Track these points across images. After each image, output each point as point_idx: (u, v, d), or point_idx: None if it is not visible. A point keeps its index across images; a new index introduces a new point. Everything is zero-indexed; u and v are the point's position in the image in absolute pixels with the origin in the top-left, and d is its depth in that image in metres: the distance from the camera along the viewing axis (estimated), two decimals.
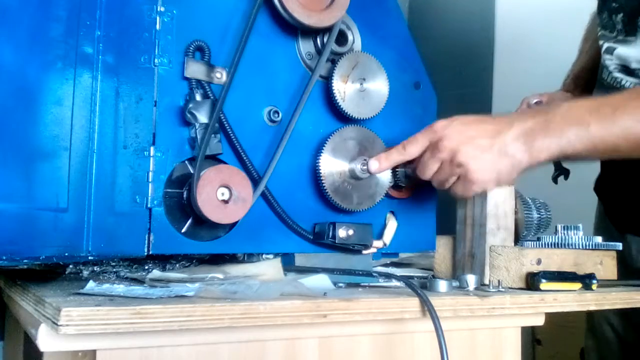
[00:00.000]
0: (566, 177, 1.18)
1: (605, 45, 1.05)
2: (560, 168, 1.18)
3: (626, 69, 1.02)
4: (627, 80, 1.02)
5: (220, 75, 0.72)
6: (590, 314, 1.22)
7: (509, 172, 0.75)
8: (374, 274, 0.75)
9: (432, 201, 0.90)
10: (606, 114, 0.73)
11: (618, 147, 0.73)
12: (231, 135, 0.72)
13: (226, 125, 0.72)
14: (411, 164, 0.82)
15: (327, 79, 0.79)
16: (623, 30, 1.01)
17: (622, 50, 1.01)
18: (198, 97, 0.70)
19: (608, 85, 1.06)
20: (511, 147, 0.74)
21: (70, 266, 0.82)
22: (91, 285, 0.62)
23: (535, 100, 1.07)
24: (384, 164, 0.79)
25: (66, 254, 0.62)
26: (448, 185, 0.79)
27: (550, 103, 1.09)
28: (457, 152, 0.75)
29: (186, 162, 0.70)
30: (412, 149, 0.79)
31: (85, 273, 0.80)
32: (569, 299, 0.75)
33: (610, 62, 1.04)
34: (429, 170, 0.78)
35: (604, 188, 1.18)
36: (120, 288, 0.62)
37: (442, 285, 0.72)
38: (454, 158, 0.75)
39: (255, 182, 0.73)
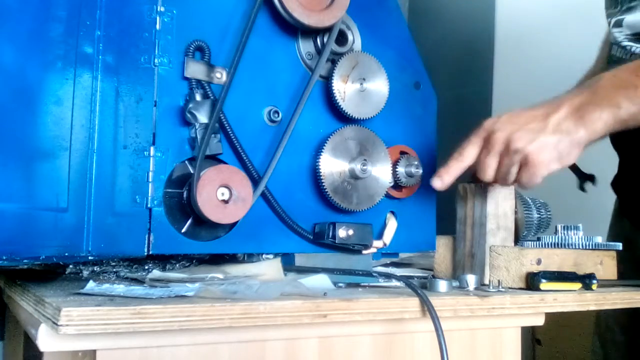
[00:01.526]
0: (594, 182, 1.15)
1: (613, 20, 1.04)
2: (584, 175, 1.16)
3: (637, 36, 1.01)
4: (637, 47, 1.00)
5: (220, 75, 0.72)
6: (597, 315, 1.22)
7: (568, 149, 0.75)
8: (374, 274, 0.75)
9: (432, 201, 0.90)
10: None
11: None
12: (231, 135, 0.72)
13: (226, 125, 0.72)
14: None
15: (327, 79, 0.79)
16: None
17: (630, 17, 1.00)
18: (198, 97, 0.70)
19: (617, 59, 1.04)
20: (564, 124, 0.74)
21: (70, 266, 0.82)
22: (91, 285, 0.62)
23: None
24: (447, 179, 0.79)
25: (66, 254, 0.62)
26: (512, 178, 0.77)
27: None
28: (511, 140, 0.75)
29: (186, 162, 0.71)
30: (468, 152, 0.78)
31: (85, 273, 0.80)
32: (569, 299, 0.75)
33: (619, 34, 1.02)
34: (489, 169, 0.77)
35: (621, 183, 1.17)
36: (120, 288, 0.62)
37: (442, 285, 0.72)
38: (509, 146, 0.75)
39: (255, 182, 0.73)
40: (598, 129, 0.75)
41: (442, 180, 0.79)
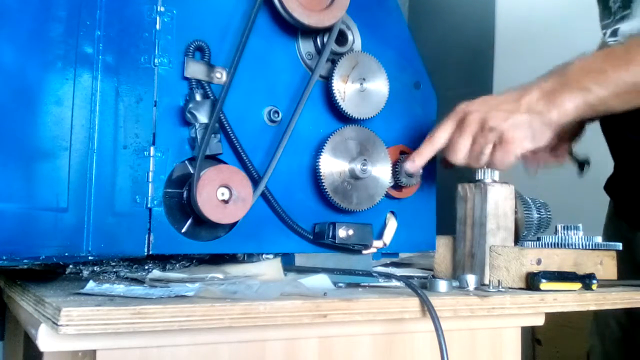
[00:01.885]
0: (589, 164, 1.16)
1: (609, 30, 1.05)
2: (579, 160, 1.16)
3: None
4: None
5: (220, 75, 0.72)
6: (595, 313, 1.22)
7: (541, 129, 0.77)
8: (374, 274, 0.75)
9: (432, 201, 0.90)
10: (620, 56, 0.77)
11: (637, 84, 0.76)
12: (231, 135, 0.72)
13: (226, 125, 0.72)
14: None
15: (327, 79, 0.79)
16: (621, 7, 1.01)
17: (626, 26, 1.01)
18: (198, 97, 0.70)
19: None
20: (536, 105, 0.77)
21: (70, 266, 0.82)
22: (91, 285, 0.62)
23: None
24: (419, 161, 0.81)
25: (66, 254, 0.62)
26: (485, 158, 0.79)
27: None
28: (486, 119, 0.77)
29: (186, 162, 0.71)
30: (440, 135, 0.80)
31: (85, 273, 0.80)
32: (569, 299, 0.75)
33: (615, 44, 1.02)
34: (462, 149, 0.79)
35: (615, 186, 1.17)
36: (120, 288, 0.62)
37: (442, 285, 0.72)
38: (484, 125, 0.77)
39: (255, 182, 0.73)
40: (569, 111, 0.77)
41: (415, 163, 0.81)
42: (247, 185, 0.70)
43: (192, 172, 0.70)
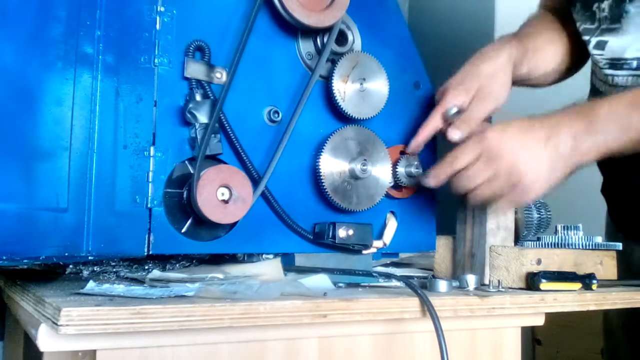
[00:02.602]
0: None
1: (594, 40, 0.99)
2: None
3: (617, 61, 0.98)
4: (617, 76, 0.98)
5: (220, 75, 0.72)
6: (605, 314, 1.21)
7: (561, 171, 0.78)
8: (374, 274, 0.75)
9: (432, 201, 0.90)
10: None
11: None
12: (231, 135, 0.72)
13: (226, 125, 0.72)
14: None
15: (327, 79, 0.79)
16: (607, 18, 0.96)
17: (615, 42, 0.96)
18: (198, 97, 0.70)
19: (597, 91, 1.02)
20: (564, 149, 0.77)
21: (70, 266, 0.82)
22: (91, 285, 0.62)
23: (454, 111, 0.87)
24: (434, 182, 0.80)
25: (66, 254, 0.62)
26: (497, 198, 0.78)
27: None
28: (515, 165, 0.75)
29: (186, 162, 0.70)
30: (464, 158, 0.77)
31: (85, 273, 0.80)
32: (569, 299, 0.75)
33: (600, 57, 0.98)
34: (476, 181, 0.77)
35: (607, 191, 1.17)
36: (120, 288, 0.62)
37: (442, 285, 0.72)
38: (512, 171, 0.75)
39: (255, 182, 0.73)
40: (591, 158, 0.78)
41: (438, 179, 0.80)
42: (247, 185, 0.70)
43: (192, 172, 0.70)
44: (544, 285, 0.75)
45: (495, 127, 0.79)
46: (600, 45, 0.98)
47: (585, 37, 1.00)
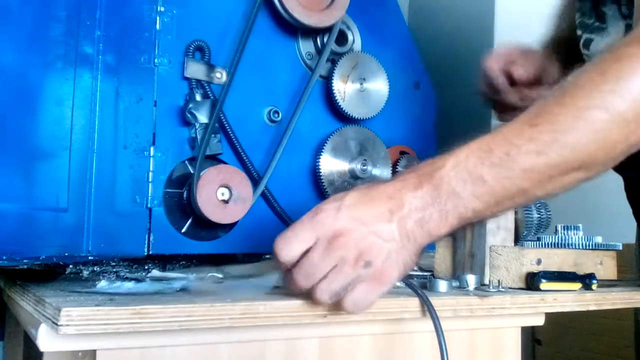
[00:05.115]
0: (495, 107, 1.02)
1: (584, 36, 0.93)
2: (487, 99, 1.02)
3: None
4: None
5: (220, 75, 0.72)
6: (637, 314, 1.20)
7: (413, 259, 0.60)
8: None
9: None
10: (501, 159, 0.58)
11: (525, 190, 0.59)
12: (231, 135, 0.72)
13: (226, 125, 0.72)
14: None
15: (327, 79, 0.79)
16: (595, 19, 0.92)
17: (598, 42, 0.92)
18: (198, 97, 0.70)
19: None
20: (410, 230, 0.59)
21: (70, 266, 0.82)
22: (102, 284, 0.62)
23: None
24: (293, 289, 0.59)
25: (66, 254, 0.62)
26: (344, 294, 0.57)
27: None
28: (363, 251, 0.57)
29: (186, 162, 0.70)
30: (291, 251, 0.58)
31: (85, 273, 0.80)
32: (569, 299, 0.75)
33: (586, 57, 0.95)
34: (317, 275, 0.57)
35: (631, 193, 1.15)
36: (120, 288, 0.62)
37: (442, 285, 0.72)
38: (359, 257, 0.56)
39: (255, 182, 0.73)
40: (442, 233, 0.60)
41: (292, 289, 0.59)
42: (247, 185, 0.70)
43: (192, 172, 0.70)
44: (544, 285, 0.74)
45: (327, 204, 0.60)
46: (586, 44, 0.96)
47: (579, 32, 0.96)
